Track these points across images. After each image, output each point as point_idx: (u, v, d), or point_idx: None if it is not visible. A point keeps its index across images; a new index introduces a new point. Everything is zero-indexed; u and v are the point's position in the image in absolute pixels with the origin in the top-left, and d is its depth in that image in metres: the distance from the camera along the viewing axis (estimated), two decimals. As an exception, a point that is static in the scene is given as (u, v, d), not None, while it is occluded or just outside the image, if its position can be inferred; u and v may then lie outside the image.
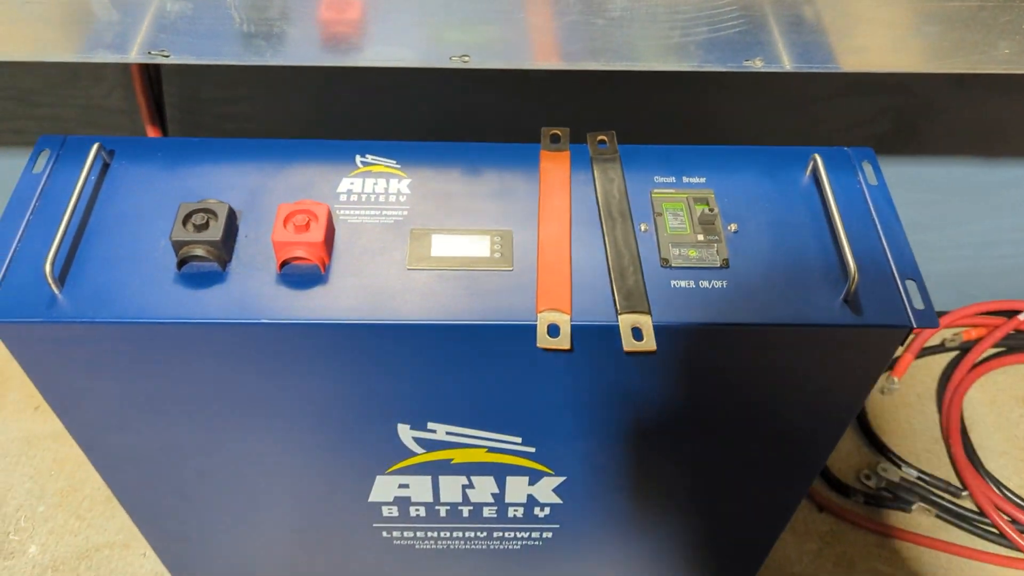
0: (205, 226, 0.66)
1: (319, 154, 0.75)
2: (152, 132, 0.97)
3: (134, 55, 0.73)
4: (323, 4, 0.70)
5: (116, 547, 1.16)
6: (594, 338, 0.66)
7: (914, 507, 1.23)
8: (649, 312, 0.65)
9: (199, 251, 0.65)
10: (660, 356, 0.67)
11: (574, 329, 0.65)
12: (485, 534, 0.94)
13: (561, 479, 0.85)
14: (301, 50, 0.73)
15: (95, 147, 0.71)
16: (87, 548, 1.15)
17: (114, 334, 0.64)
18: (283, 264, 0.66)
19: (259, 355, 0.67)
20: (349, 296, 0.65)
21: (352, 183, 0.73)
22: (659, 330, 0.65)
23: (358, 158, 0.75)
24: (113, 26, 0.70)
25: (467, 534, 0.94)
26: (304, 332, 0.65)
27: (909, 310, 0.66)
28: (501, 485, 0.85)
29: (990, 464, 1.27)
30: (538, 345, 0.64)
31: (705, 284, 0.67)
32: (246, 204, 0.71)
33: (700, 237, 0.70)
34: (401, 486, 0.85)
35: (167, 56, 0.72)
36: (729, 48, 0.72)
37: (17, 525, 1.17)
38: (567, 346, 0.64)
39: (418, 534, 0.94)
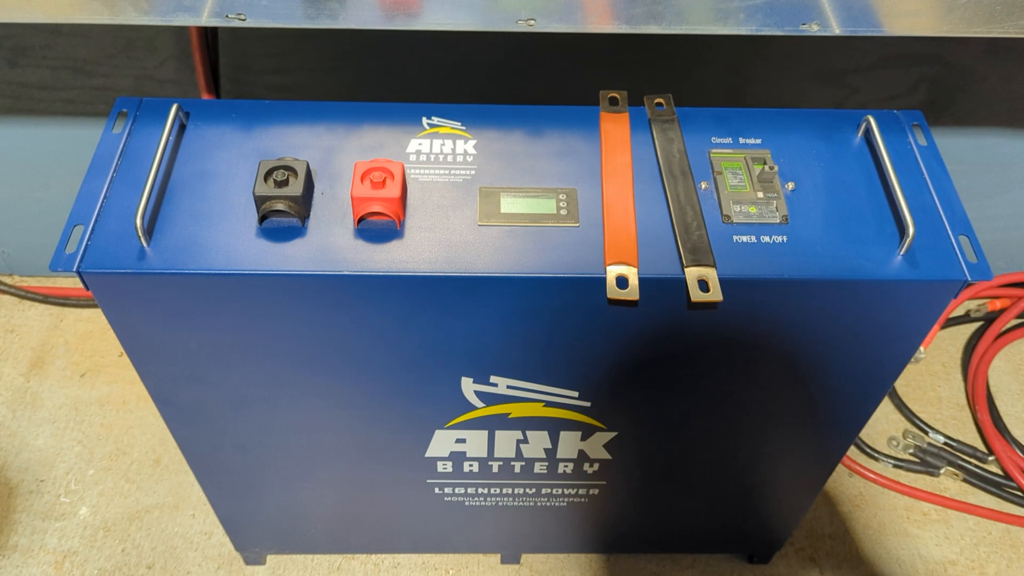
0: (285, 182, 0.68)
1: (386, 116, 0.77)
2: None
3: (207, 17, 0.75)
4: (394, -31, 0.73)
5: (166, 508, 1.19)
6: (661, 290, 0.68)
7: (942, 471, 1.26)
8: (714, 265, 0.67)
9: (280, 206, 0.68)
10: (722, 309, 0.70)
11: (641, 282, 0.67)
12: (534, 490, 0.97)
13: (612, 434, 0.87)
14: (370, 14, 0.75)
15: (174, 108, 0.73)
16: (137, 509, 1.18)
17: (200, 285, 0.67)
18: (360, 219, 0.69)
19: (336, 308, 0.70)
20: (425, 250, 0.68)
21: (420, 144, 0.75)
22: (723, 283, 0.67)
23: (424, 120, 0.77)
24: (190, -11, 0.73)
25: (517, 490, 0.97)
26: (383, 284, 0.67)
27: (963, 263, 0.69)
28: (554, 440, 0.88)
29: (1016, 431, 1.30)
30: (608, 297, 0.66)
31: (766, 239, 0.70)
32: (320, 163, 0.73)
33: (759, 194, 0.72)
34: (458, 441, 0.88)
35: (243, 19, 0.74)
36: (786, 12, 0.75)
37: (68, 488, 1.20)
38: (635, 297, 0.66)
39: (469, 490, 0.97)
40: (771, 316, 0.72)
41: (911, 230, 0.68)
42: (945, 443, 1.29)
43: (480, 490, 0.97)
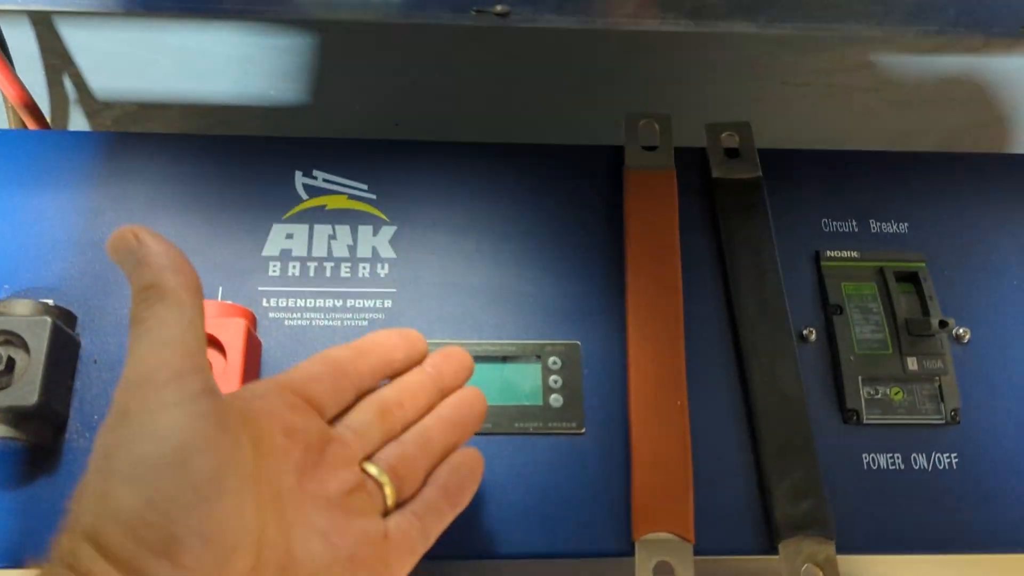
0: (4, 372, 0.34)
1: (231, 166, 0.41)
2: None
3: None
4: None
5: None
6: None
7: None
8: (832, 537, 0.36)
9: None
10: None
11: (699, 564, 0.36)
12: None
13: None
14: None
15: None
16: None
17: None
18: (163, 442, 0.35)
19: None
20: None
21: (290, 236, 0.40)
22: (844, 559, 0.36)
23: (300, 178, 0.41)
24: None
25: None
26: None
27: None
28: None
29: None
30: (640, 616, 0.35)
31: (921, 460, 0.38)
32: (93, 286, 0.38)
33: (911, 363, 0.40)
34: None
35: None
36: (1000, 6, 0.39)
37: None
38: (691, 615, 0.35)
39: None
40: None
41: None
42: None
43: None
